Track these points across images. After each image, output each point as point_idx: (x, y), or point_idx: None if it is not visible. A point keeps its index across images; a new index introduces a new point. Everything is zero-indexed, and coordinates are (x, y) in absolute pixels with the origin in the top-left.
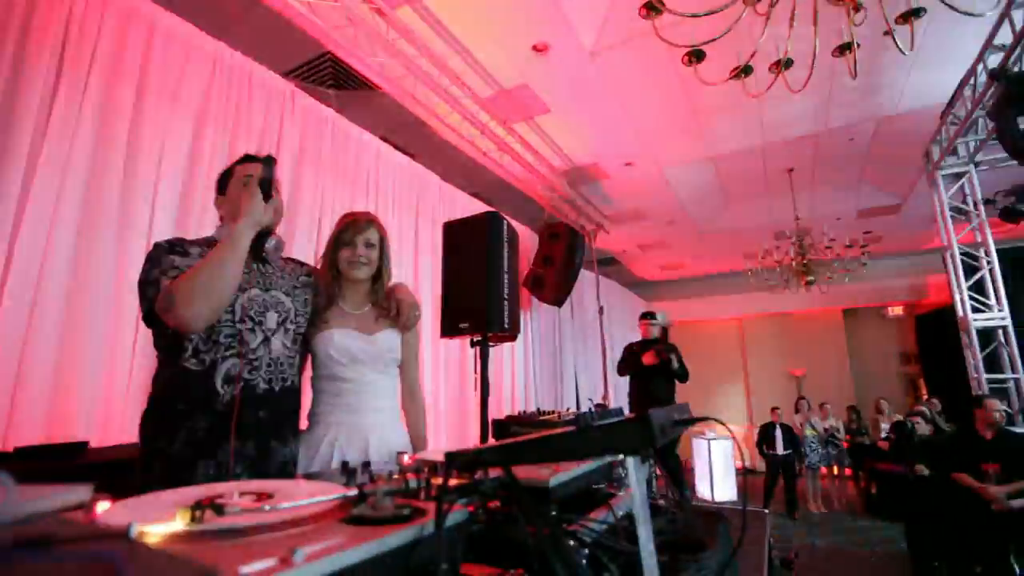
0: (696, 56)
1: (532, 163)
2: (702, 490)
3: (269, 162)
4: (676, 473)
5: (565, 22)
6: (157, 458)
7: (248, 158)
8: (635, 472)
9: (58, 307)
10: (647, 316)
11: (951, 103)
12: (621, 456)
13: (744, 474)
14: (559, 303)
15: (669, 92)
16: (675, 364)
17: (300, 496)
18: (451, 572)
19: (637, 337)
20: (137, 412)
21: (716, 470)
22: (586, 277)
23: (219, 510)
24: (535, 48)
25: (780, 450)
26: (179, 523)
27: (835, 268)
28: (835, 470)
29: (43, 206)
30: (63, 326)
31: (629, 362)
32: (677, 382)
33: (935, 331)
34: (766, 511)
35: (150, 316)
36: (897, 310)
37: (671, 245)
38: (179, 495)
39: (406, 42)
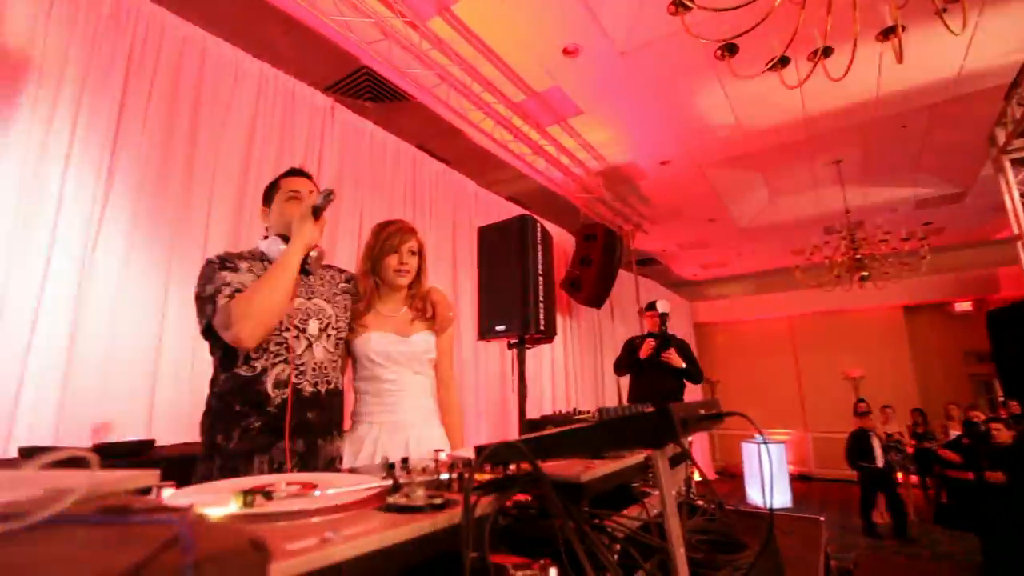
0: (729, 50)
1: (567, 165)
2: (753, 496)
3: (329, 196)
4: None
5: (594, 23)
6: (216, 453)
7: (293, 172)
8: (661, 466)
9: (132, 319)
10: (652, 308)
11: (1016, 82)
12: (644, 450)
13: (800, 479)
14: (598, 304)
15: (703, 88)
16: (680, 363)
17: (340, 486)
18: (479, 560)
19: (678, 335)
20: (196, 414)
21: (768, 476)
22: (625, 278)
23: (268, 496)
24: (565, 51)
25: (879, 461)
26: (233, 506)
27: (892, 263)
28: (899, 477)
29: (118, 220)
30: (137, 337)
31: (623, 357)
32: (688, 381)
33: (1011, 327)
34: (821, 518)
35: (208, 330)
36: (965, 306)
37: (712, 243)
38: (234, 484)
39: (438, 52)
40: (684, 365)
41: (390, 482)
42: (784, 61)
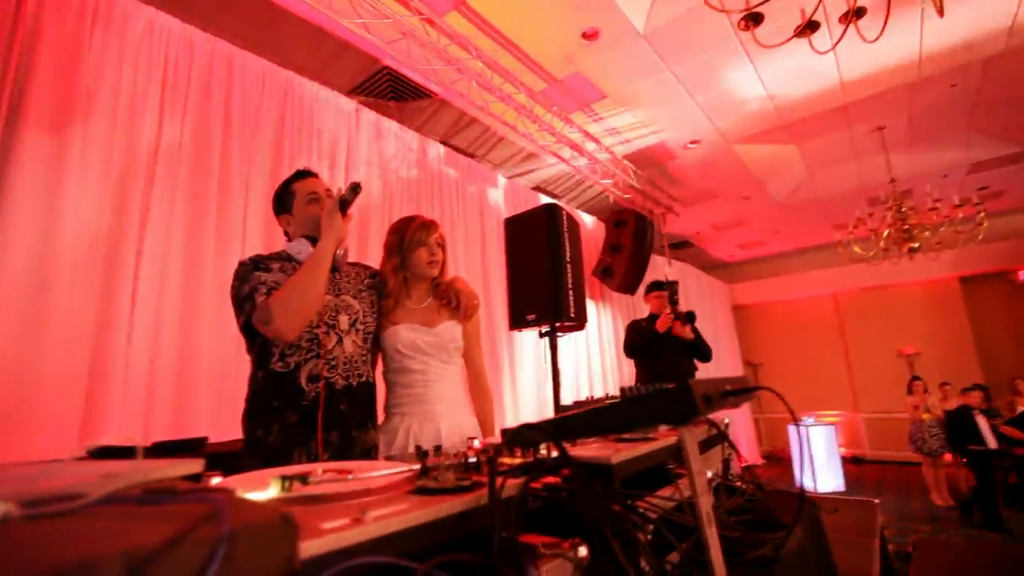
0: (753, 19)
1: (592, 151)
2: (802, 480)
3: (356, 189)
4: None
5: (612, 5)
6: (257, 447)
7: (302, 174)
8: (687, 442)
9: (175, 322)
10: (658, 287)
11: None
12: (672, 430)
13: (853, 462)
14: (631, 291)
15: (729, 62)
16: (690, 335)
17: (373, 472)
18: (508, 539)
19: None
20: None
21: (817, 458)
22: (660, 263)
23: (304, 480)
24: (584, 35)
25: (991, 442)
26: (272, 491)
27: (944, 232)
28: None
29: (157, 231)
30: (183, 340)
31: (635, 336)
32: (697, 360)
33: None
34: (875, 500)
35: (248, 327)
36: None
37: (749, 222)
38: (273, 473)
39: (457, 47)
40: (693, 337)
41: (419, 466)
42: (813, 26)
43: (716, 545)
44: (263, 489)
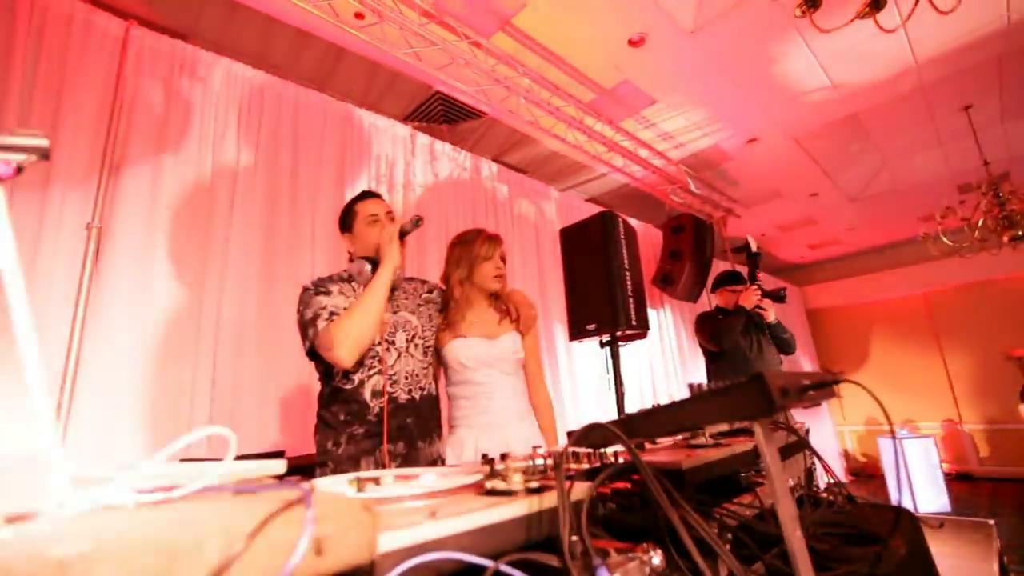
0: (811, 3)
1: (646, 158)
2: (900, 494)
3: (418, 223)
4: None
5: (657, 8)
6: (328, 459)
7: (365, 195)
8: (763, 439)
9: (254, 341)
10: (730, 280)
11: None
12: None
13: (960, 479)
14: (694, 298)
15: (786, 52)
16: (773, 320)
17: (443, 475)
18: (578, 542)
19: (788, 325)
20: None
21: (916, 475)
22: (722, 269)
23: (378, 482)
24: (631, 42)
25: None
26: (349, 492)
27: None
28: None
29: (238, 256)
30: (263, 359)
31: (709, 323)
32: (781, 353)
33: None
34: (990, 522)
35: (311, 352)
36: None
37: (818, 220)
38: (348, 476)
39: (504, 66)
40: (775, 321)
41: (488, 469)
42: (878, 4)
43: (804, 552)
44: (339, 490)
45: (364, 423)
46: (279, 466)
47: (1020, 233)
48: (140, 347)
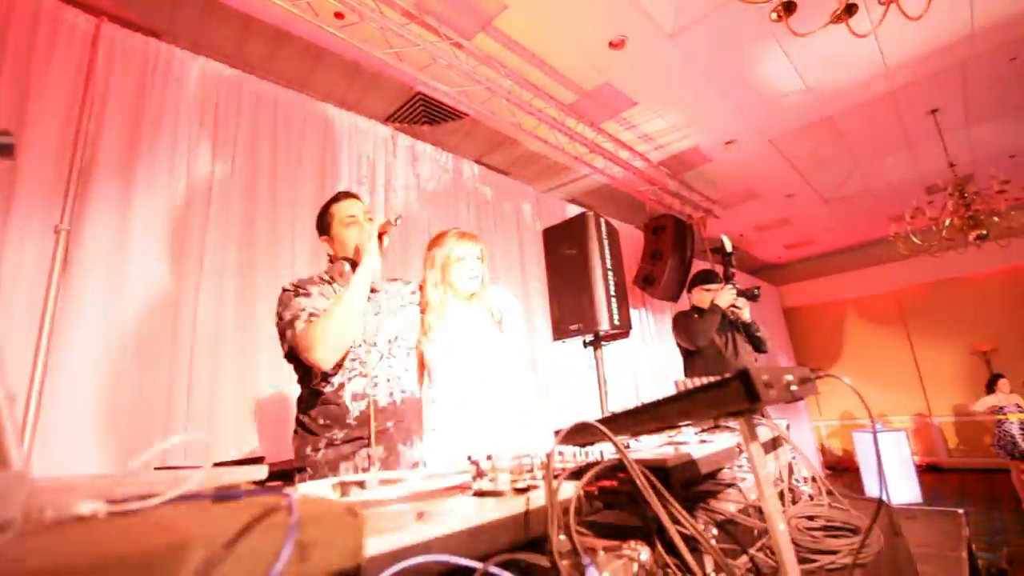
0: (786, 8)
1: (626, 160)
2: (872, 491)
3: (397, 221)
4: None
5: (637, 11)
6: (308, 465)
7: (342, 195)
8: (747, 435)
9: (231, 345)
10: (706, 280)
11: None
12: (731, 421)
13: (930, 471)
14: (674, 298)
15: (762, 56)
16: (747, 318)
17: (428, 477)
18: (566, 541)
19: (765, 323)
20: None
21: (889, 468)
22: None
23: (362, 485)
24: (611, 44)
25: None
26: (332, 496)
27: (1015, 215)
28: None
29: (215, 258)
30: (238, 363)
31: (691, 326)
32: (756, 353)
33: None
34: (960, 511)
35: (290, 354)
36: None
37: (793, 221)
38: (331, 481)
39: (486, 67)
40: (749, 320)
41: (475, 470)
42: (851, 9)
43: (788, 544)
44: (322, 495)
45: (344, 427)
46: (260, 472)
47: (985, 232)
48: (111, 353)
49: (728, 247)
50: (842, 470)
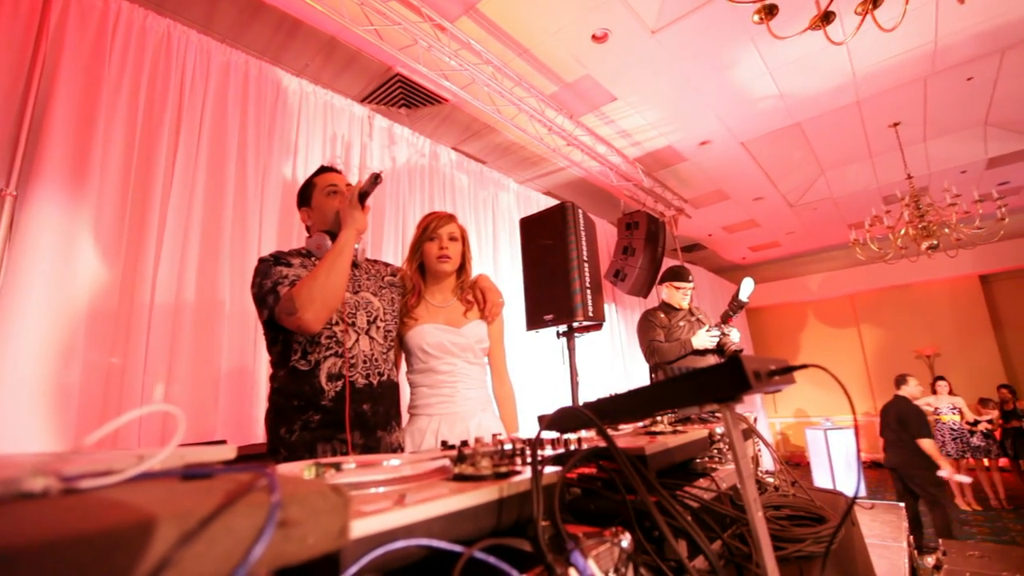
0: (768, 11)
1: (603, 154)
2: (822, 485)
3: (376, 180)
4: None
5: (622, 5)
6: (281, 446)
7: (324, 169)
8: (731, 422)
9: (191, 323)
10: (676, 277)
11: None
12: (711, 421)
13: (873, 467)
14: (643, 293)
15: (739, 59)
16: (735, 347)
17: (408, 461)
18: (551, 526)
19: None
20: (263, 414)
21: (837, 464)
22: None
23: (338, 468)
24: (594, 37)
25: None
26: (307, 477)
27: (963, 228)
28: (986, 462)
29: (175, 236)
30: (199, 342)
31: (654, 348)
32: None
33: None
34: (901, 504)
35: (271, 322)
36: None
37: (760, 223)
38: (306, 463)
39: (468, 52)
40: (739, 347)
41: (456, 454)
42: (828, 17)
43: (765, 532)
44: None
45: (319, 409)
46: (229, 451)
47: (935, 242)
48: (61, 329)
49: (745, 295)
50: (794, 465)
